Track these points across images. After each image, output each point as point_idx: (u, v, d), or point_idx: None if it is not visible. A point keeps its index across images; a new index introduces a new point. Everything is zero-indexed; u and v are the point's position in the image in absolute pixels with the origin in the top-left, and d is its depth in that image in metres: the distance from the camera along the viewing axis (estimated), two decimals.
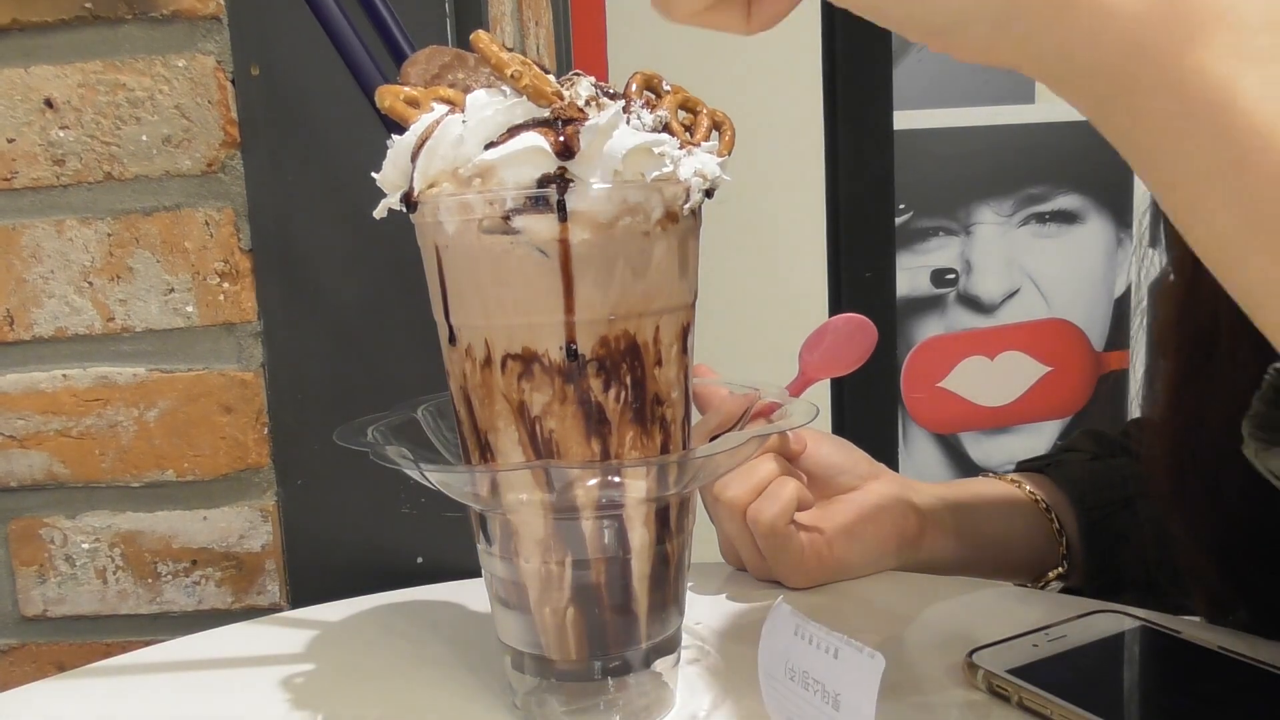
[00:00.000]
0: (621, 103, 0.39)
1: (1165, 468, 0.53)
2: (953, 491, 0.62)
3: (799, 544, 0.54)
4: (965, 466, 2.64)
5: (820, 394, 2.06)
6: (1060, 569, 0.61)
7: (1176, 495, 0.53)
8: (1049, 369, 2.51)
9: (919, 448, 2.62)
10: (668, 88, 0.41)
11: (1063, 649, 0.46)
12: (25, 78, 0.65)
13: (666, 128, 0.40)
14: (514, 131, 0.38)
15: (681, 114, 0.41)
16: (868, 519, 0.57)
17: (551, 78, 0.39)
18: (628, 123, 0.39)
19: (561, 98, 0.39)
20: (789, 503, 0.53)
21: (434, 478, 0.41)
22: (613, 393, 0.39)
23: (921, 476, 2.87)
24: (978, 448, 2.63)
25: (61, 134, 0.66)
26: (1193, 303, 0.51)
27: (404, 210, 0.40)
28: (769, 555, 0.55)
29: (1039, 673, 0.43)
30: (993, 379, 2.60)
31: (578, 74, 0.41)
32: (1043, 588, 0.61)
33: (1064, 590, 0.62)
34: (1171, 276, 0.53)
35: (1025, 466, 0.66)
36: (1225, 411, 0.49)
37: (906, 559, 0.59)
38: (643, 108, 0.39)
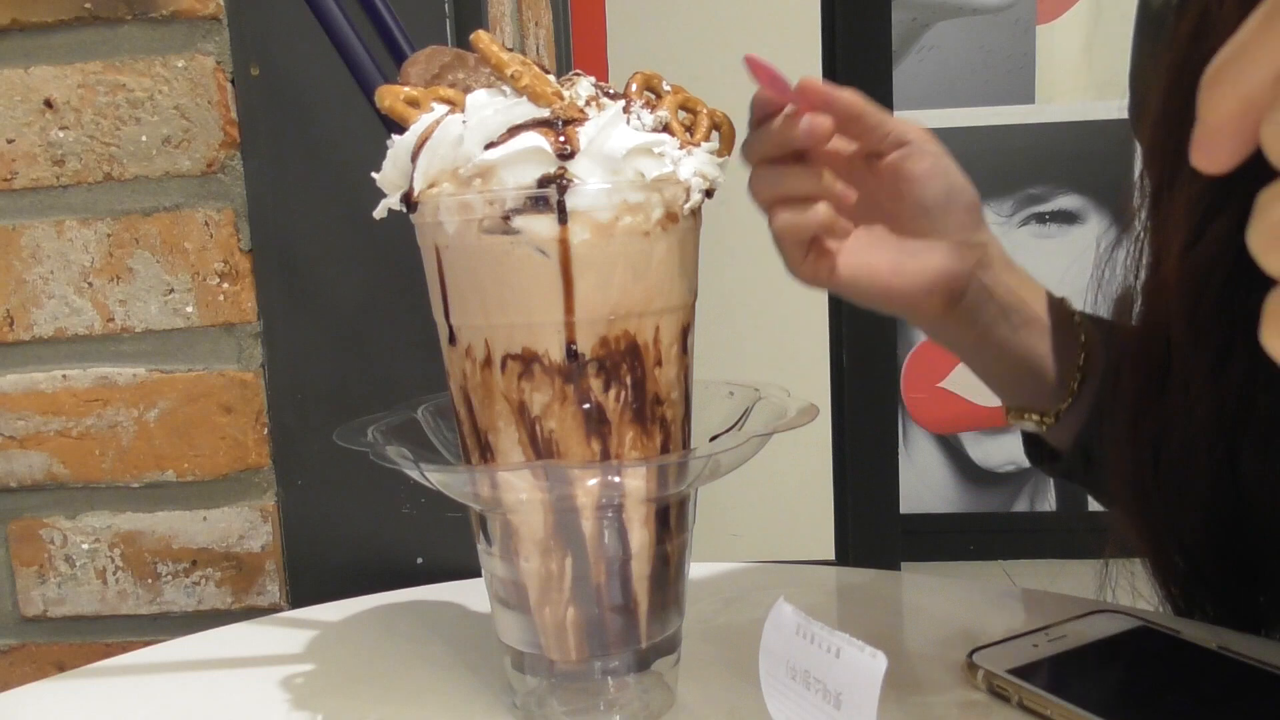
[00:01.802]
0: (622, 103, 0.40)
1: (1126, 482, 0.53)
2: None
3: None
4: (965, 466, 2.65)
5: (821, 394, 2.06)
6: (1067, 403, 0.57)
7: (1138, 511, 0.52)
8: None
9: (919, 447, 2.63)
10: (668, 88, 0.41)
11: (1063, 649, 0.46)
12: (25, 78, 0.65)
13: (666, 128, 0.40)
14: (514, 132, 0.38)
15: (681, 114, 0.41)
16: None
17: (551, 78, 0.39)
18: (628, 123, 0.39)
19: (561, 98, 0.39)
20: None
21: (434, 478, 0.41)
22: (613, 393, 0.39)
23: (922, 476, 2.87)
24: (978, 448, 2.64)
25: (61, 134, 0.66)
26: (1147, 333, 0.51)
27: (404, 210, 0.40)
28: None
29: (1039, 673, 0.43)
30: None
31: (578, 74, 0.41)
32: (1038, 425, 0.58)
33: (1050, 467, 0.60)
34: (1138, 305, 0.53)
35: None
36: (1183, 438, 0.49)
37: (966, 263, 0.53)
38: (643, 108, 0.39)
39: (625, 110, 0.39)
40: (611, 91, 0.40)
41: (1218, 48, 0.27)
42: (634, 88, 0.40)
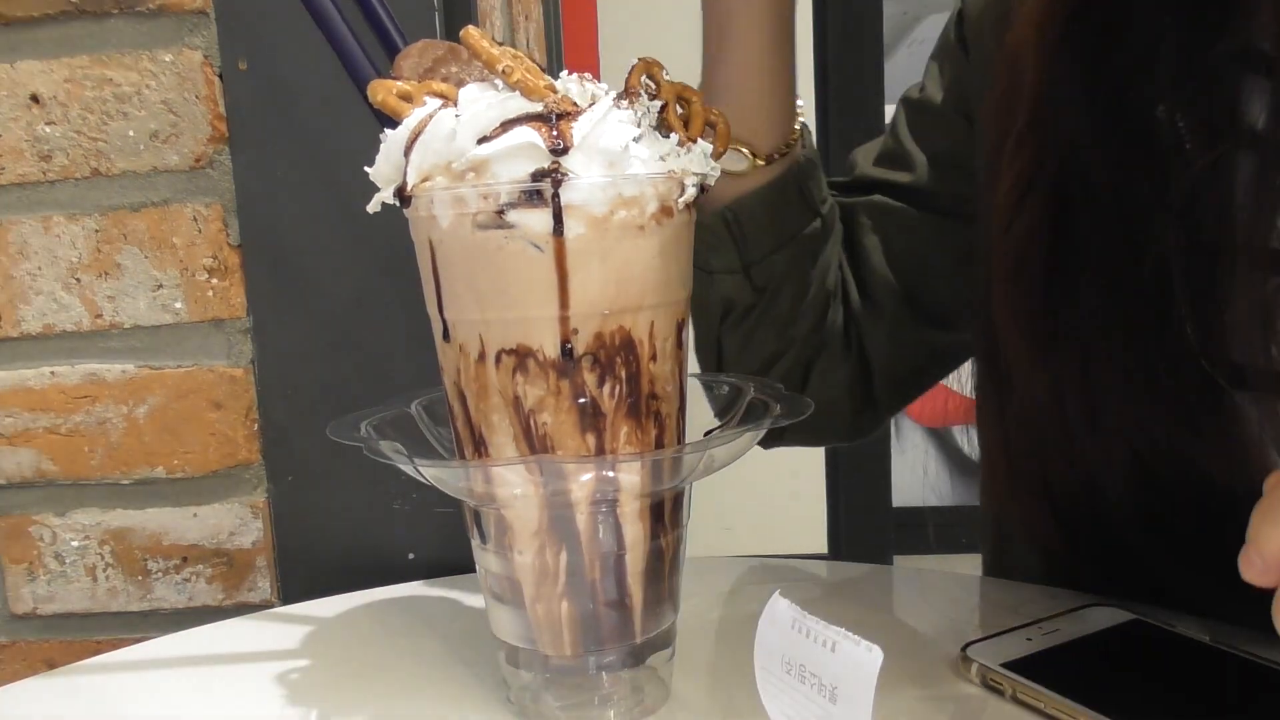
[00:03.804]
0: (614, 94, 0.39)
1: (997, 463, 0.54)
2: None
3: None
4: (957, 459, 2.66)
5: None
6: (782, 152, 0.59)
7: (1009, 492, 0.54)
8: None
9: (911, 441, 2.63)
10: (668, 76, 0.41)
11: (1056, 643, 0.46)
12: (11, 73, 0.65)
13: (662, 122, 0.40)
14: (507, 126, 0.37)
15: (678, 109, 0.41)
16: None
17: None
18: (622, 116, 0.39)
19: (554, 91, 0.39)
20: None
21: (428, 473, 0.41)
22: (607, 387, 0.39)
23: (914, 468, 2.89)
24: (970, 440, 2.65)
25: (48, 129, 0.65)
26: (983, 325, 0.52)
27: (397, 205, 0.40)
28: None
29: (1033, 666, 0.43)
30: None
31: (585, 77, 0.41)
32: (745, 161, 0.58)
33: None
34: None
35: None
36: (1027, 424, 0.50)
37: None
38: (639, 101, 0.39)
39: (623, 102, 0.39)
40: (606, 88, 0.40)
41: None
42: (637, 75, 0.40)
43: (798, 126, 0.60)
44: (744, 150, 0.58)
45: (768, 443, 0.66)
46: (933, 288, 0.63)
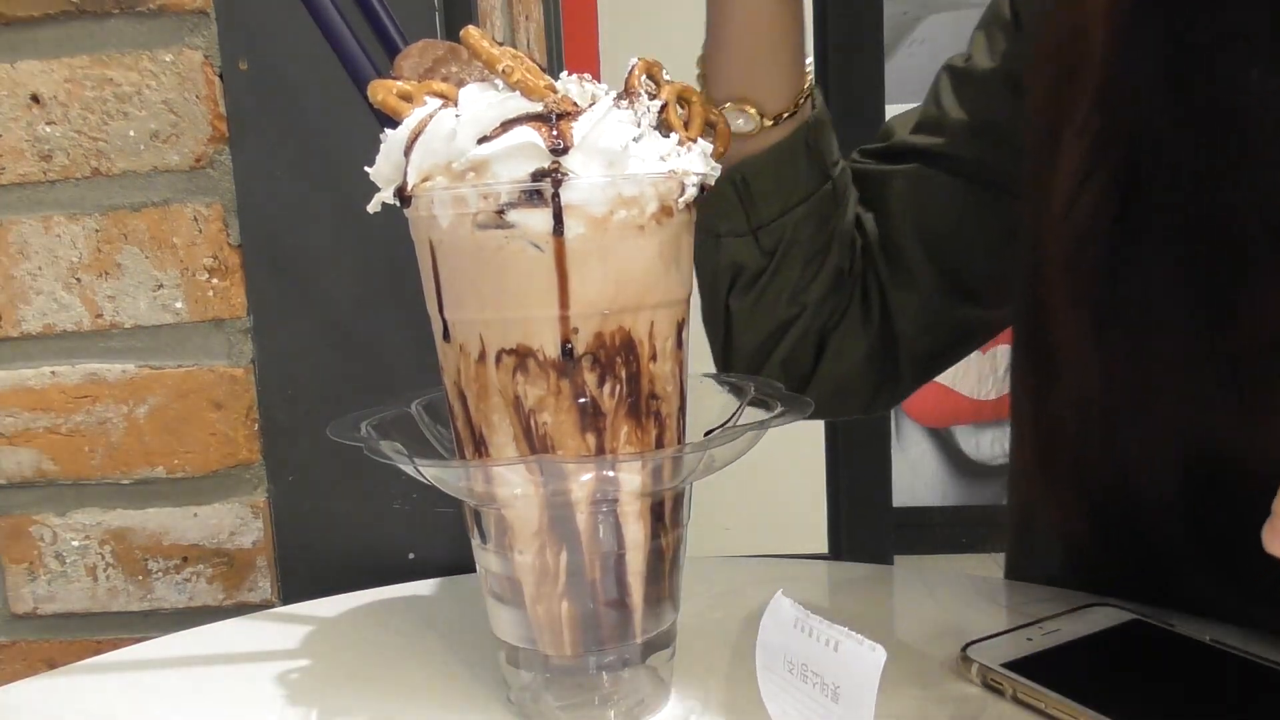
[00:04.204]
0: (614, 94, 0.39)
1: (1033, 454, 0.53)
2: None
3: None
4: (958, 460, 2.66)
5: None
6: (789, 112, 0.57)
7: (1047, 483, 0.53)
8: None
9: (912, 441, 2.63)
10: (668, 77, 0.41)
11: (1057, 643, 0.46)
12: (11, 73, 0.65)
13: (662, 122, 0.40)
14: (507, 126, 0.37)
15: (678, 109, 0.41)
16: None
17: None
18: (621, 116, 0.39)
19: (554, 91, 0.39)
20: None
21: (429, 473, 0.41)
22: (607, 387, 0.39)
23: (915, 469, 2.89)
24: (970, 441, 2.65)
25: (48, 129, 0.65)
26: (1028, 306, 0.51)
27: (398, 204, 0.40)
28: None
29: (1033, 666, 0.43)
30: (985, 372, 2.62)
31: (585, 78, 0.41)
32: (753, 120, 0.57)
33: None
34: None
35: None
36: (1074, 413, 0.49)
37: None
38: (639, 100, 0.39)
39: (624, 102, 0.39)
40: (607, 88, 0.40)
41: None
42: (637, 74, 0.40)
43: (807, 86, 0.58)
44: (750, 110, 0.56)
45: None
46: (968, 262, 0.61)
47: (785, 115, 0.57)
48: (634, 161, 0.38)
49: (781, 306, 0.60)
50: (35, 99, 0.65)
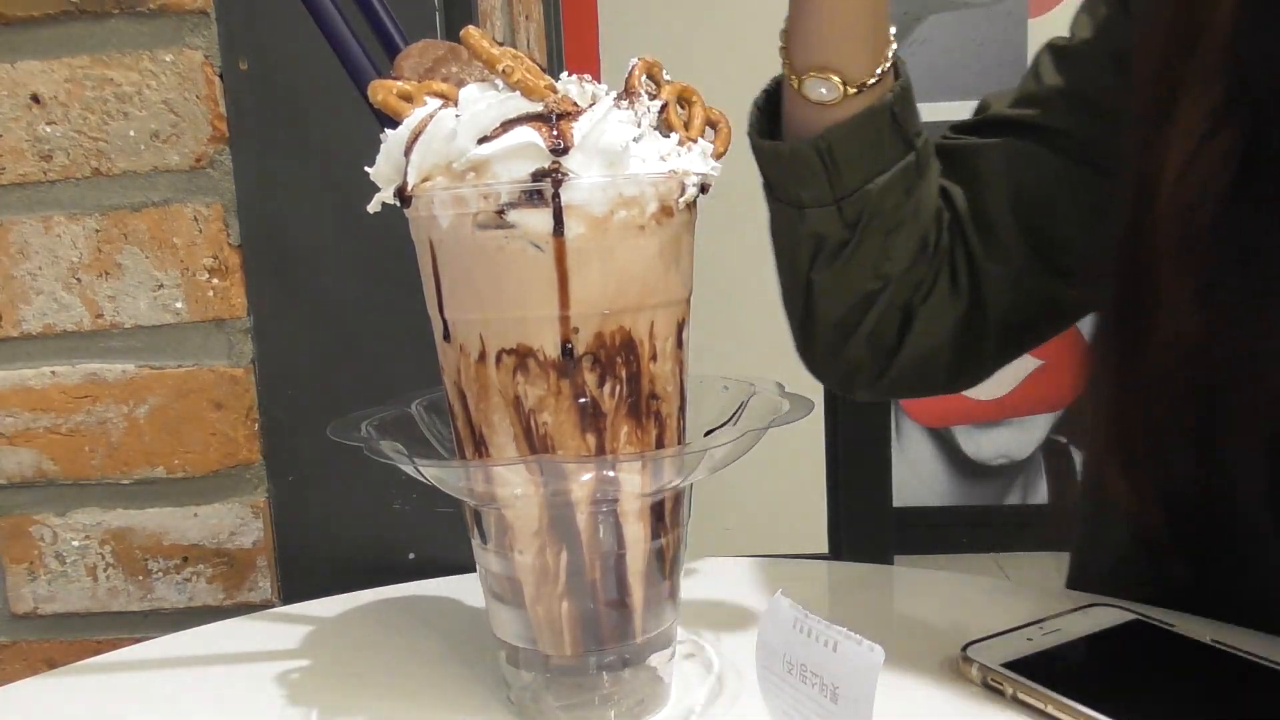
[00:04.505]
0: (614, 94, 0.39)
1: (1111, 438, 0.53)
2: None
3: None
4: (958, 459, 2.66)
5: (814, 387, 2.06)
6: (872, 79, 0.57)
7: (1124, 465, 0.52)
8: (1040, 362, 2.52)
9: (912, 441, 2.63)
10: (668, 77, 0.41)
11: (1056, 642, 0.46)
12: (12, 73, 0.65)
13: (663, 122, 0.40)
14: (507, 126, 0.37)
15: (679, 109, 0.41)
16: None
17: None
18: (621, 116, 0.39)
19: (554, 91, 0.39)
20: None
21: (429, 473, 0.41)
22: (608, 387, 0.39)
23: (915, 469, 2.88)
24: (970, 441, 2.65)
25: (48, 129, 0.65)
26: (1130, 267, 0.51)
27: (398, 204, 0.40)
28: None
29: (1033, 666, 0.43)
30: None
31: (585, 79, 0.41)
32: (836, 90, 0.57)
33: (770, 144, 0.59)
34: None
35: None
36: (1167, 376, 0.49)
37: None
38: (639, 101, 0.39)
39: (624, 102, 0.39)
40: (607, 88, 0.40)
41: None
42: (637, 74, 0.40)
43: (890, 54, 0.58)
44: (834, 78, 0.56)
45: (862, 396, 0.65)
46: (1060, 235, 0.60)
47: (869, 83, 0.56)
48: (634, 161, 0.38)
49: (865, 278, 0.60)
50: (35, 99, 0.65)
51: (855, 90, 0.56)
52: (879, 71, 0.56)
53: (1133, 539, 0.57)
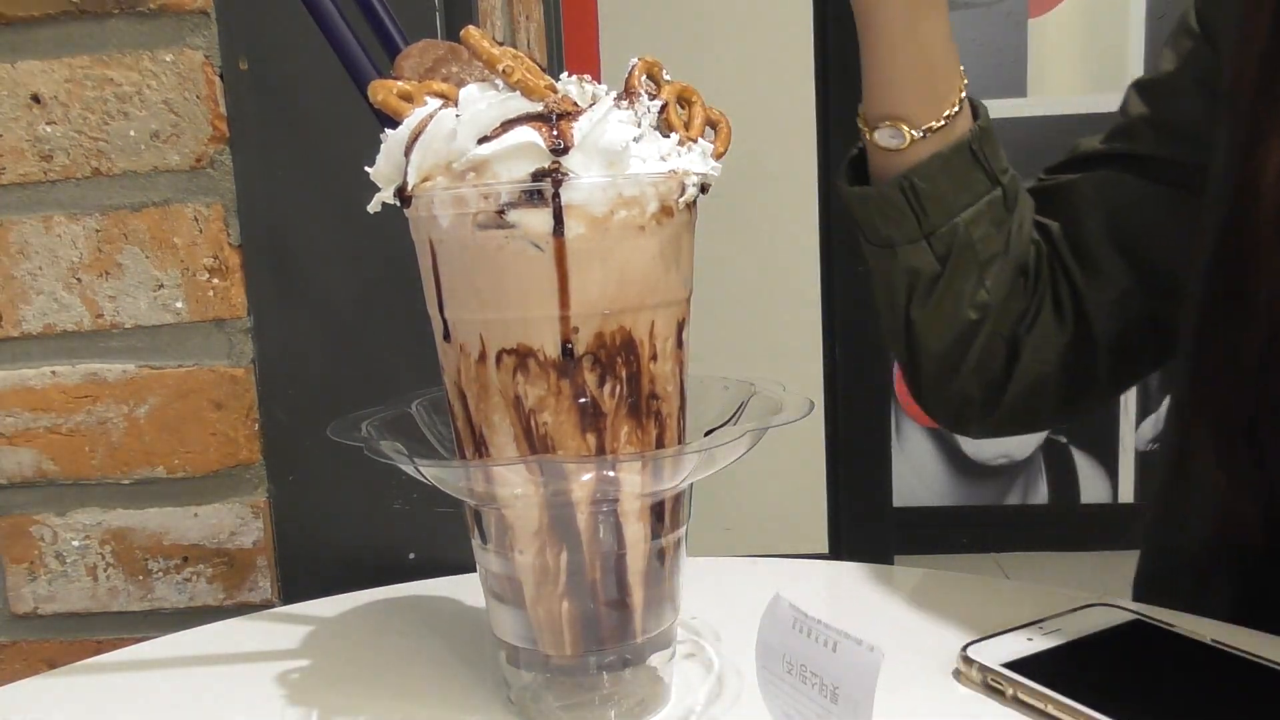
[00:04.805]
0: (614, 94, 0.39)
1: (1208, 429, 0.54)
2: None
3: None
4: (958, 460, 2.66)
5: (814, 388, 2.06)
6: (939, 123, 0.59)
7: (1226, 461, 0.53)
8: None
9: (912, 441, 2.63)
10: (668, 77, 0.41)
11: (1057, 643, 0.46)
12: (12, 73, 0.65)
13: (663, 121, 0.40)
14: (507, 126, 0.37)
15: (678, 109, 0.41)
16: None
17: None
18: (621, 116, 0.39)
19: (555, 91, 0.39)
20: None
21: (429, 473, 0.41)
22: (608, 387, 0.39)
23: (915, 469, 2.89)
24: (970, 441, 2.64)
25: (49, 129, 0.65)
26: (1229, 259, 0.53)
27: (398, 204, 0.40)
28: None
29: (1033, 667, 0.43)
30: None
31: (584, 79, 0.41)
32: (902, 137, 0.59)
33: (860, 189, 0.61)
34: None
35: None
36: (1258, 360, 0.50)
37: None
38: (639, 101, 0.39)
39: (624, 102, 0.39)
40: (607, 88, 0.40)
41: None
42: (637, 74, 0.40)
43: (958, 100, 0.60)
44: (902, 126, 0.59)
45: (976, 432, 0.67)
46: (1158, 254, 0.63)
47: (935, 127, 0.59)
48: (634, 161, 0.38)
49: (963, 310, 0.62)
50: (36, 99, 0.65)
51: (920, 135, 0.59)
52: (945, 115, 0.59)
53: (1216, 538, 0.58)
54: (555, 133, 0.37)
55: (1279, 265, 0.50)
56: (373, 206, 0.41)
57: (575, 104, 0.38)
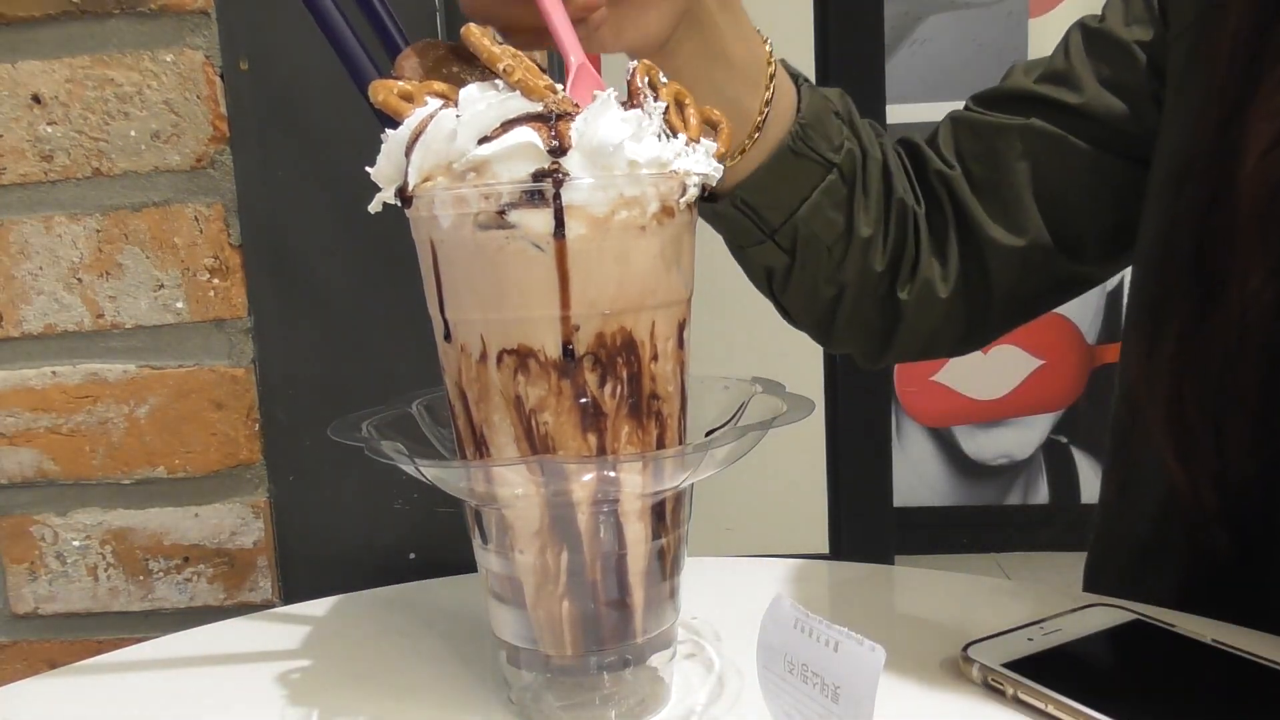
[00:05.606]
0: (612, 93, 0.39)
1: (1165, 417, 0.54)
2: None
3: None
4: (958, 459, 2.66)
5: (814, 387, 2.06)
6: (742, 148, 0.57)
7: (1180, 443, 0.53)
8: (1041, 362, 2.52)
9: (912, 441, 2.63)
10: (664, 79, 0.41)
11: (1057, 643, 0.46)
12: (13, 73, 0.65)
13: (665, 122, 0.40)
14: (507, 126, 0.37)
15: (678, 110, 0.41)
16: None
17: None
18: (621, 117, 0.39)
19: (555, 91, 0.39)
20: None
21: (429, 473, 0.41)
22: (608, 388, 0.39)
23: (915, 469, 2.88)
24: (971, 441, 2.65)
25: (49, 129, 0.65)
26: (1206, 246, 0.52)
27: (399, 204, 0.40)
28: None
29: (1034, 666, 0.43)
30: (986, 372, 2.61)
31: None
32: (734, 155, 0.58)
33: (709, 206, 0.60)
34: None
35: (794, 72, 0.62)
36: (1230, 352, 0.50)
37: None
38: (644, 102, 0.39)
39: (629, 103, 0.39)
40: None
41: None
42: (638, 78, 0.40)
43: (764, 106, 0.57)
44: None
45: (868, 363, 0.69)
46: (1080, 217, 0.62)
47: (747, 148, 0.58)
48: (634, 161, 0.38)
49: (821, 289, 0.63)
50: (36, 99, 0.65)
51: (733, 160, 0.58)
52: (752, 136, 0.57)
53: (1166, 515, 0.58)
54: (555, 133, 0.37)
55: (1256, 254, 0.49)
56: (373, 207, 0.41)
57: (575, 104, 0.38)
